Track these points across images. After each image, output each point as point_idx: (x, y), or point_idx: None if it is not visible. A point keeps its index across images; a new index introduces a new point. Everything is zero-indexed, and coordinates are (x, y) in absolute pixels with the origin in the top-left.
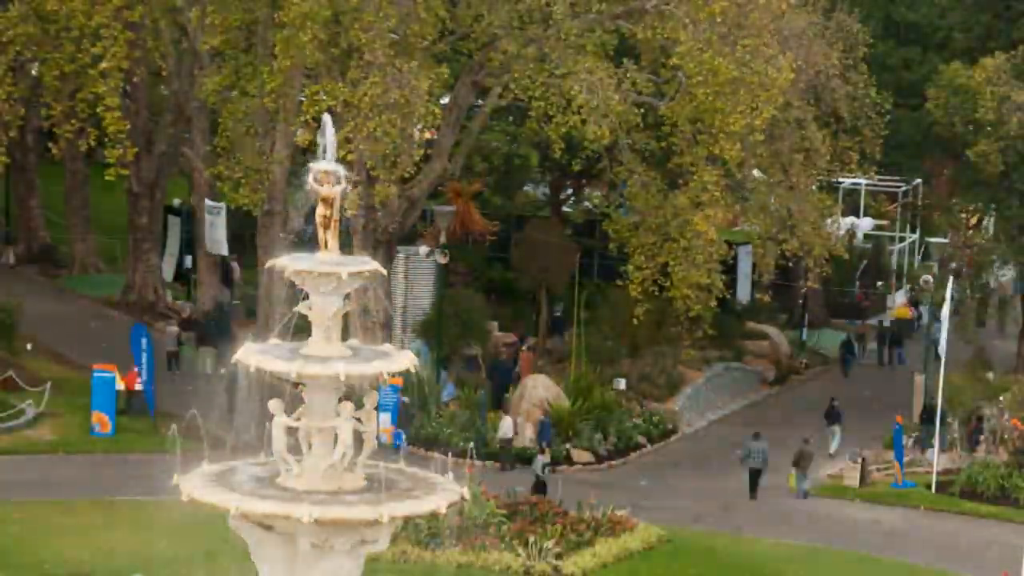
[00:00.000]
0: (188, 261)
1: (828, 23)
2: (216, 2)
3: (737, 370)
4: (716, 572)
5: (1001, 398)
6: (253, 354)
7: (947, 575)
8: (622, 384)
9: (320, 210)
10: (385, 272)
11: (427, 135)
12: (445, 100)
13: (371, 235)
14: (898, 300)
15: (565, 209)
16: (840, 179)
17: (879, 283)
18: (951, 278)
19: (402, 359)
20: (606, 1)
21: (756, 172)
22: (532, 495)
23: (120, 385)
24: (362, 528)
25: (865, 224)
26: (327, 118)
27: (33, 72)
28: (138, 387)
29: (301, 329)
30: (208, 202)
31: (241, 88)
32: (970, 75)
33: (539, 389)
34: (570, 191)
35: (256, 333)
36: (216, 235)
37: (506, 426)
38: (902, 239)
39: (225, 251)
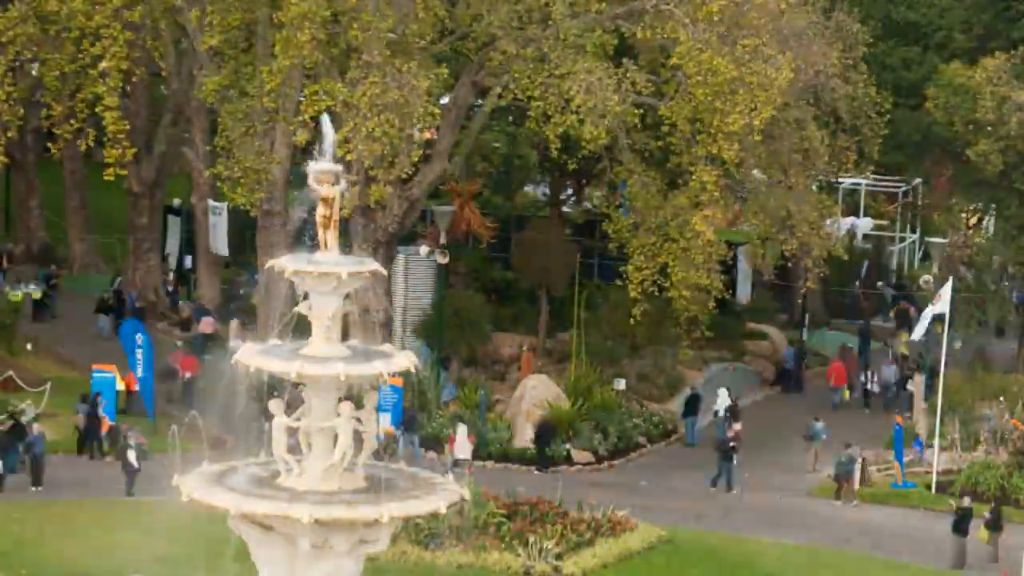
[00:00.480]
0: (188, 261)
1: (828, 23)
2: (216, 2)
3: (737, 370)
4: (716, 572)
5: (1001, 398)
6: (253, 355)
7: (947, 575)
8: (622, 384)
9: (320, 210)
10: (385, 272)
11: (427, 135)
12: (445, 100)
13: (371, 235)
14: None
15: (565, 209)
16: (840, 179)
17: (879, 283)
18: (950, 278)
19: (402, 359)
20: (605, 1)
21: (755, 172)
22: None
23: (120, 385)
24: (362, 528)
25: (865, 224)
26: (326, 118)
27: (33, 72)
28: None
29: (300, 329)
30: (211, 202)
31: (241, 88)
32: (970, 75)
33: (539, 389)
34: (570, 191)
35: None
36: (218, 235)
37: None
38: (902, 239)
39: (226, 251)
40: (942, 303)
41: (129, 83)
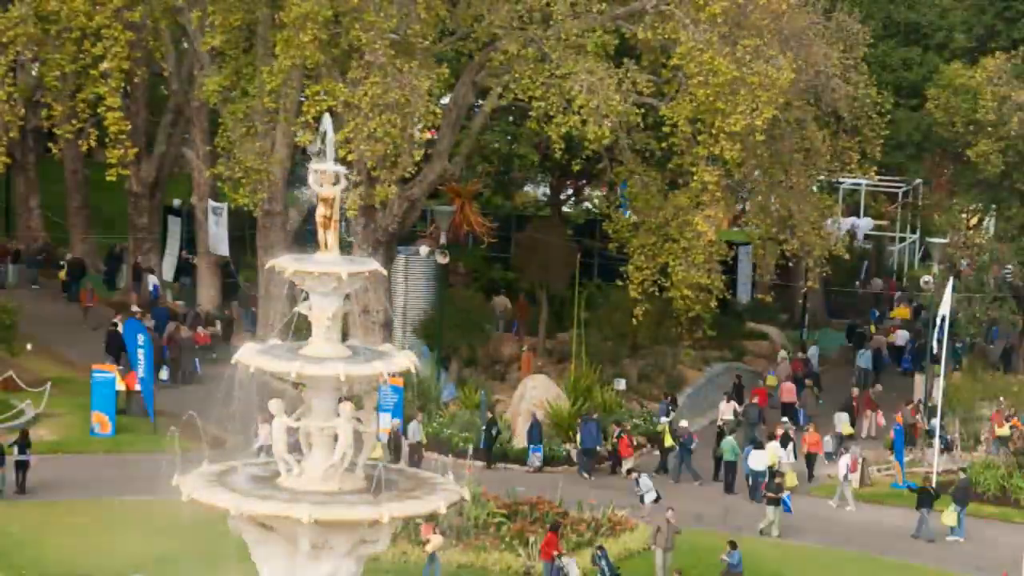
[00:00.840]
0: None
1: (828, 23)
2: (216, 2)
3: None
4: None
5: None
6: (254, 355)
7: (947, 575)
8: (622, 384)
9: (320, 210)
10: (385, 272)
11: (427, 135)
12: (445, 100)
13: (371, 235)
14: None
15: (565, 209)
16: (840, 179)
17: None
18: (951, 278)
19: (402, 359)
20: (606, 1)
21: (756, 172)
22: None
23: (120, 385)
24: (362, 528)
25: (865, 224)
26: (327, 118)
27: (34, 72)
28: (137, 386)
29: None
30: (211, 202)
31: (241, 88)
32: (970, 75)
33: (539, 389)
34: (570, 191)
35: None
36: (218, 236)
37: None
38: (902, 239)
39: (226, 252)
40: (944, 304)
41: (130, 83)
